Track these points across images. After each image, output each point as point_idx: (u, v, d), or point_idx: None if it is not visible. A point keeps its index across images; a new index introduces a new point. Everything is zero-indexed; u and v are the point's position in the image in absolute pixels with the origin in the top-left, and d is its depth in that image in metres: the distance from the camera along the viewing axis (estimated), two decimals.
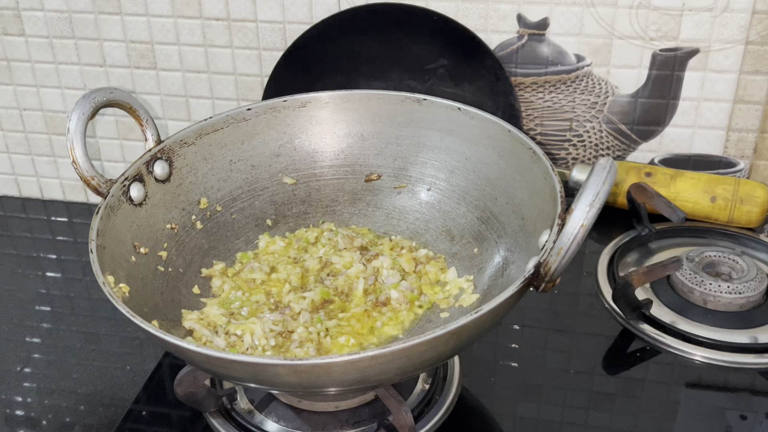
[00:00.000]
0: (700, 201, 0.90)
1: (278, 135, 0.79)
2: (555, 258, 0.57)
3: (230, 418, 0.70)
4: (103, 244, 0.64)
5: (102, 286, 0.60)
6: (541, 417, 0.72)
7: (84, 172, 0.69)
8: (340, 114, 0.80)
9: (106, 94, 0.71)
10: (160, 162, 0.73)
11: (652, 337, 0.77)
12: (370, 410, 0.69)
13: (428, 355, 0.56)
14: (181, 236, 0.73)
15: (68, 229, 1.03)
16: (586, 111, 0.94)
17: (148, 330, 0.56)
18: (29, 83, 1.02)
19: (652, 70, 0.90)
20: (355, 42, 0.92)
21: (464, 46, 0.90)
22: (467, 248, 0.75)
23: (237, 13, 0.94)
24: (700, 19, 0.87)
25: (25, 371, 0.79)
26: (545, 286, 0.59)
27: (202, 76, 0.98)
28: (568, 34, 0.90)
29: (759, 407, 0.71)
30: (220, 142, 0.77)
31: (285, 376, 0.55)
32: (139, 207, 0.70)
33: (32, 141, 1.06)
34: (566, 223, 0.57)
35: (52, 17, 0.97)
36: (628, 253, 0.89)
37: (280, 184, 0.79)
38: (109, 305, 0.59)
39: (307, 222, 0.80)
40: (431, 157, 0.78)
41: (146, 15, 0.95)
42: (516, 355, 0.78)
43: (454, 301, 0.71)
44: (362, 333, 0.69)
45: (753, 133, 0.91)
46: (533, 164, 0.69)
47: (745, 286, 0.79)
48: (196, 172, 0.75)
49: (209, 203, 0.76)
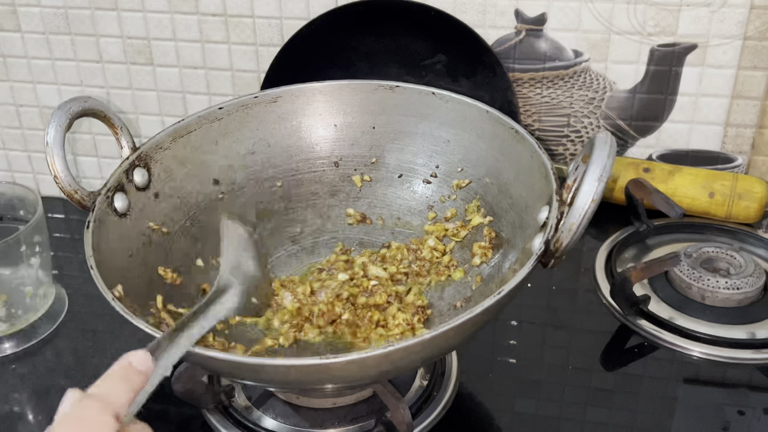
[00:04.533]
0: (698, 197, 0.90)
1: (251, 132, 0.79)
2: (567, 234, 0.58)
3: (228, 415, 0.70)
4: (99, 258, 0.63)
5: (111, 302, 0.59)
6: (539, 413, 0.72)
7: (66, 185, 0.68)
8: (312, 106, 0.79)
9: (81, 104, 0.70)
10: (138, 169, 0.71)
11: (650, 332, 0.77)
12: (367, 407, 0.69)
13: (454, 340, 0.57)
14: (167, 243, 0.72)
15: (64, 225, 1.03)
16: (584, 107, 0.93)
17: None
18: (25, 79, 1.02)
19: (650, 66, 0.90)
20: (352, 38, 0.92)
21: (462, 42, 0.90)
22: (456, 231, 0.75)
23: (234, 9, 0.93)
24: (698, 15, 0.86)
25: (21, 369, 0.79)
26: (554, 262, 0.60)
27: (198, 71, 0.98)
28: (565, 30, 0.90)
29: (757, 403, 0.71)
30: (194, 143, 0.76)
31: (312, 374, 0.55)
32: (124, 218, 0.69)
33: (28, 137, 1.05)
34: (576, 199, 0.57)
35: (48, 13, 0.97)
36: (626, 249, 0.88)
37: (258, 183, 0.79)
38: (105, 302, 0.59)
39: (289, 218, 0.79)
40: (408, 143, 0.78)
41: (143, 11, 0.95)
42: (514, 352, 0.78)
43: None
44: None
45: (751, 128, 0.91)
46: (516, 143, 0.70)
47: (743, 282, 0.79)
48: (173, 177, 0.74)
49: (189, 207, 0.75)
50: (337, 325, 0.71)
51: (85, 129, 1.02)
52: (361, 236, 0.79)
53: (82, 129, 1.02)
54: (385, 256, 0.76)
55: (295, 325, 0.71)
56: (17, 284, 0.84)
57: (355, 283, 0.73)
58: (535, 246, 0.61)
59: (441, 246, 0.75)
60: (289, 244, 0.79)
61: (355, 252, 0.78)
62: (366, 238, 0.79)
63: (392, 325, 0.70)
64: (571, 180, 0.60)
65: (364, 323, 0.70)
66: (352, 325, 0.70)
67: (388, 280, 0.74)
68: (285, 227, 0.79)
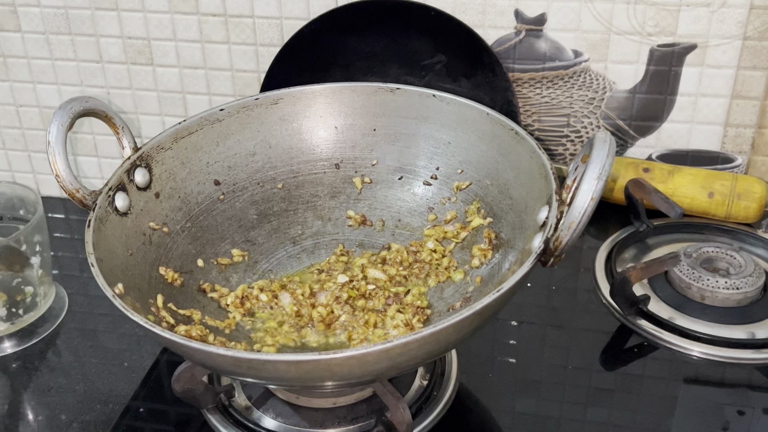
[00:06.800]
0: (698, 196, 0.90)
1: (252, 134, 0.79)
2: (566, 232, 0.58)
3: (228, 415, 0.70)
4: (100, 256, 0.63)
5: (112, 299, 0.59)
6: (539, 413, 0.72)
7: (68, 185, 0.68)
8: (313, 108, 0.79)
9: (82, 104, 0.70)
10: (140, 169, 0.72)
11: (650, 332, 0.77)
12: (367, 406, 0.69)
13: (453, 336, 0.57)
14: (167, 243, 0.73)
15: (64, 225, 1.03)
16: (584, 107, 0.94)
17: (170, 338, 0.56)
18: (26, 79, 1.02)
19: (650, 66, 0.90)
20: (352, 38, 0.92)
21: (462, 42, 0.90)
22: (456, 232, 0.75)
23: (234, 9, 0.93)
24: (697, 15, 0.86)
25: (21, 369, 0.79)
26: (554, 261, 0.60)
27: (199, 72, 0.98)
28: (565, 30, 0.90)
29: (756, 402, 0.71)
30: (195, 145, 0.76)
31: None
32: (125, 217, 0.69)
33: (29, 137, 1.05)
34: (575, 197, 0.58)
35: (48, 13, 0.97)
36: (626, 249, 0.89)
37: (259, 184, 0.79)
38: (106, 302, 0.59)
39: (289, 219, 0.79)
40: (408, 145, 0.78)
41: (143, 11, 0.95)
42: (514, 351, 0.78)
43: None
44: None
45: (750, 128, 0.91)
46: (516, 144, 0.70)
47: (742, 282, 0.79)
48: (174, 177, 0.74)
49: (190, 208, 0.76)
50: (335, 327, 0.71)
51: (86, 129, 1.02)
52: (361, 238, 0.79)
53: (82, 129, 1.02)
54: (385, 257, 0.76)
55: (294, 325, 0.71)
56: (17, 284, 0.84)
57: (354, 286, 0.74)
58: (534, 245, 0.61)
59: (440, 248, 0.75)
60: (289, 245, 0.79)
61: (356, 253, 0.78)
62: (366, 240, 0.79)
63: (391, 326, 0.70)
64: (570, 180, 0.60)
65: (362, 325, 0.70)
66: (351, 326, 0.70)
67: (388, 281, 0.74)
68: (285, 228, 0.79)
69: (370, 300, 0.72)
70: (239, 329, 0.71)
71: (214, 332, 0.69)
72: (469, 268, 0.73)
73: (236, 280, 0.75)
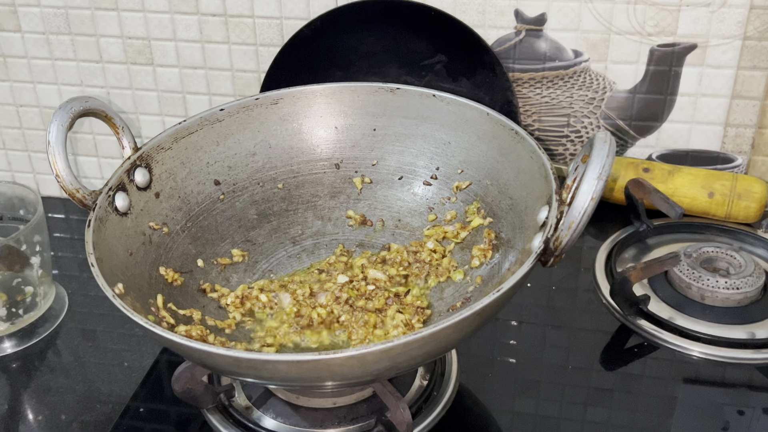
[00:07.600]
0: (698, 196, 0.90)
1: (252, 134, 0.79)
2: (566, 232, 0.58)
3: (228, 415, 0.70)
4: (100, 256, 0.63)
5: (112, 299, 0.59)
6: (539, 413, 0.72)
7: (68, 185, 0.68)
8: (313, 108, 0.79)
9: (82, 103, 0.70)
10: (140, 169, 0.72)
11: (650, 332, 0.77)
12: (367, 406, 0.69)
13: (454, 336, 0.57)
14: (167, 243, 0.73)
15: (65, 225, 1.03)
16: (584, 107, 0.94)
17: (170, 338, 0.56)
18: (25, 79, 1.02)
19: (650, 66, 0.90)
20: (352, 38, 0.92)
21: (462, 42, 0.90)
22: (456, 233, 0.75)
23: (234, 9, 0.93)
24: (697, 15, 0.86)
25: (21, 369, 0.79)
26: (554, 261, 0.60)
27: (199, 72, 0.98)
28: (565, 30, 0.90)
29: (756, 402, 0.71)
30: (195, 145, 0.76)
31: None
32: (125, 217, 0.69)
33: (28, 137, 1.05)
34: (576, 197, 0.58)
35: (48, 13, 0.97)
36: (626, 249, 0.89)
37: (259, 184, 0.79)
38: (106, 302, 0.59)
39: (289, 219, 0.79)
40: (409, 145, 0.78)
41: (143, 11, 0.95)
42: (514, 351, 0.78)
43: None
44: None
45: (750, 128, 0.91)
46: (516, 144, 0.70)
47: (742, 282, 0.79)
48: (174, 178, 0.74)
49: (190, 208, 0.76)
50: (335, 328, 0.71)
51: (86, 129, 1.02)
52: (361, 238, 0.79)
53: (82, 129, 1.02)
54: (385, 258, 0.76)
55: (294, 325, 0.71)
56: (17, 284, 0.84)
57: (354, 286, 0.74)
58: (534, 245, 0.61)
59: (440, 248, 0.75)
60: (289, 245, 0.79)
61: (356, 253, 0.78)
62: (366, 240, 0.79)
63: (391, 326, 0.70)
64: (570, 180, 0.60)
65: (362, 326, 0.70)
66: (351, 327, 0.70)
67: (387, 282, 0.74)
68: (286, 228, 0.79)
69: (370, 300, 0.72)
70: (239, 329, 0.71)
71: (214, 332, 0.69)
72: (469, 268, 0.73)
73: (236, 280, 0.76)
